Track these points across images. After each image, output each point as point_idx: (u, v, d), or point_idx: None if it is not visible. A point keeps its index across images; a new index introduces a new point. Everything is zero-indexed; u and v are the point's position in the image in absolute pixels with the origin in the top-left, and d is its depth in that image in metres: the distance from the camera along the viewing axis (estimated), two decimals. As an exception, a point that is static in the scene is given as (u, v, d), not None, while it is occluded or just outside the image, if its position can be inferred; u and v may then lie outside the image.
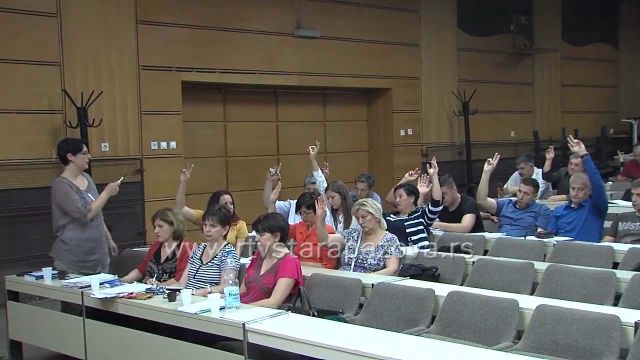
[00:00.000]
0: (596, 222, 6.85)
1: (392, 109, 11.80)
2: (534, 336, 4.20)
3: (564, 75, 15.02)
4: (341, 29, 10.99)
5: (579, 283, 5.11)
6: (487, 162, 7.29)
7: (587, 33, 15.38)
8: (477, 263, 5.75)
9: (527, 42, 13.66)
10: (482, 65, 13.24)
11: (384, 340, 3.87)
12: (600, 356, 3.91)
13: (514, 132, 13.86)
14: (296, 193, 7.18)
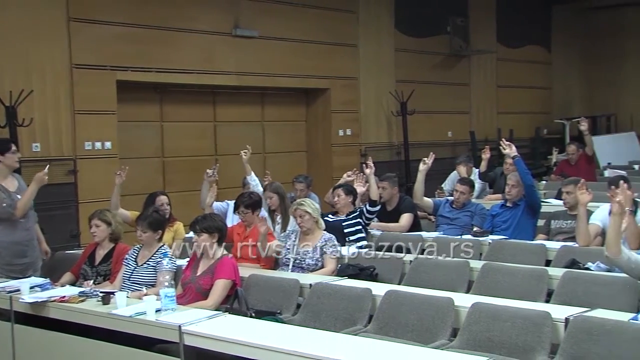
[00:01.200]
0: (530, 220, 6.99)
1: (330, 109, 11.82)
2: (469, 333, 4.25)
3: (499, 77, 15.30)
4: (280, 29, 10.95)
5: (513, 281, 5.21)
6: (422, 161, 7.37)
7: (521, 35, 15.70)
8: (414, 262, 5.80)
9: (463, 43, 13.86)
10: (420, 66, 13.37)
11: (321, 340, 3.87)
12: (532, 352, 3.98)
13: (451, 132, 14.04)
14: (234, 193, 7.12)
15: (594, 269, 5.28)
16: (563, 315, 4.08)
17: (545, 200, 8.48)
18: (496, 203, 7.51)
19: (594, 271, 5.21)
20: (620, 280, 4.62)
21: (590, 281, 4.85)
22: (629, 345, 3.71)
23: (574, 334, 3.90)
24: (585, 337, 3.85)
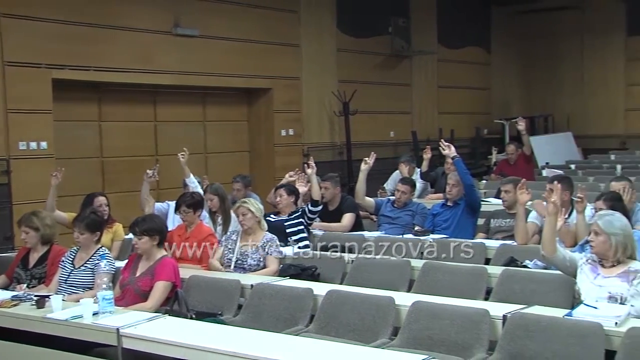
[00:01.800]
0: (470, 219, 7.06)
1: (273, 109, 11.78)
2: (410, 332, 4.28)
3: (440, 77, 15.49)
4: (221, 28, 10.86)
5: (453, 279, 5.26)
6: (363, 161, 7.39)
7: (461, 36, 15.93)
8: (356, 262, 5.80)
9: (404, 44, 13.98)
10: (362, 67, 13.43)
11: (262, 340, 3.85)
12: (471, 349, 4.03)
13: (393, 133, 14.15)
14: (176, 194, 7.04)
15: (532, 266, 5.36)
16: (501, 312, 4.14)
17: (485, 200, 8.58)
18: (437, 202, 7.58)
19: (531, 269, 5.28)
20: (556, 277, 4.71)
21: (528, 279, 4.92)
22: (563, 340, 3.79)
23: (511, 330, 3.97)
24: (522, 334, 3.92)
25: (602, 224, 4.29)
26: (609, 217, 4.37)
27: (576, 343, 3.74)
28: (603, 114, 17.12)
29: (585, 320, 3.84)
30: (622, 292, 4.16)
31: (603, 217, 4.36)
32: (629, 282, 4.18)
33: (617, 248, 4.26)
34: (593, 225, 4.35)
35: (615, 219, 4.37)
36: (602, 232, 4.28)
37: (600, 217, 4.39)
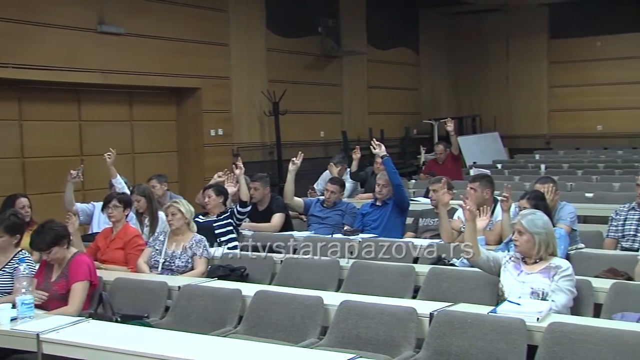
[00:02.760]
0: (399, 218, 7.12)
1: (202, 109, 11.64)
2: (338, 331, 4.29)
3: (370, 78, 15.61)
4: (147, 26, 10.66)
5: (382, 278, 5.28)
6: (291, 161, 7.39)
7: (391, 37, 16.10)
8: (285, 262, 5.79)
9: (334, 44, 14.04)
10: (292, 67, 13.43)
11: (189, 342, 3.81)
12: (398, 347, 4.06)
13: (323, 132, 14.20)
14: (102, 195, 6.89)
15: (459, 264, 5.44)
16: (428, 310, 4.18)
17: (414, 199, 8.70)
18: (366, 202, 7.62)
19: (458, 267, 5.36)
20: (483, 275, 4.77)
21: (454, 277, 4.98)
22: (488, 336, 3.85)
23: (438, 328, 4.01)
24: (448, 331, 3.97)
25: (525, 223, 4.37)
26: (532, 216, 4.46)
27: (500, 339, 3.81)
28: (528, 115, 17.58)
29: (508, 317, 3.91)
30: (544, 287, 4.25)
31: (526, 217, 4.44)
32: (550, 277, 4.28)
33: (540, 246, 4.35)
34: (517, 225, 4.43)
35: (537, 217, 4.46)
36: (525, 232, 4.36)
37: (523, 216, 4.46)
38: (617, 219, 5.92)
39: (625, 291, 4.41)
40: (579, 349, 3.60)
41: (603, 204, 7.99)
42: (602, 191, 9.10)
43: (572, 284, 4.31)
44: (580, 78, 17.00)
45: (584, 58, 16.94)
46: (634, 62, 16.40)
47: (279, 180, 11.83)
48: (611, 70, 16.62)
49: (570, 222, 5.82)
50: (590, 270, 4.99)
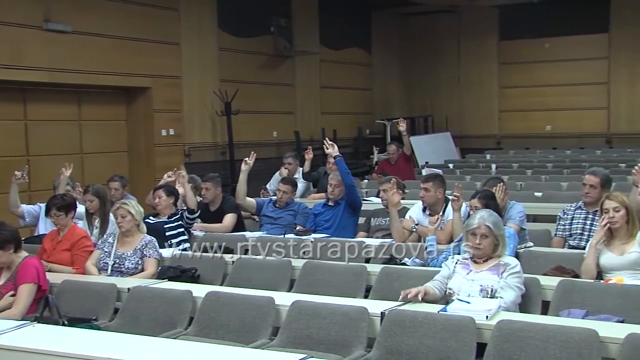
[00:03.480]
0: (351, 218, 7.14)
1: (152, 109, 11.50)
2: (289, 332, 4.27)
3: (323, 78, 15.62)
4: (95, 24, 10.47)
5: (334, 278, 5.28)
6: (244, 162, 7.36)
7: (343, 38, 16.14)
8: (237, 262, 5.75)
9: (287, 44, 14.02)
10: (244, 66, 13.36)
11: (138, 345, 3.77)
12: (349, 347, 4.05)
13: (276, 132, 14.16)
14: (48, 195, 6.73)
15: (410, 264, 5.47)
16: (379, 309, 4.18)
17: (366, 199, 8.72)
18: (319, 202, 7.62)
19: (409, 266, 5.39)
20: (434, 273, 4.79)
21: (406, 276, 5.00)
22: (438, 335, 3.88)
23: (389, 327, 4.02)
24: (398, 330, 3.98)
25: (492, 225, 4.40)
26: (493, 217, 4.49)
27: (450, 337, 3.84)
28: (479, 115, 17.80)
29: (458, 315, 3.94)
30: (493, 284, 4.30)
31: (488, 219, 4.44)
32: (499, 275, 4.33)
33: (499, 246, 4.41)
34: (480, 229, 4.40)
35: (498, 219, 4.53)
36: (491, 234, 4.39)
37: (484, 219, 4.43)
38: (564, 218, 6.01)
39: (572, 288, 4.47)
40: (527, 346, 3.65)
41: (552, 203, 8.09)
42: (551, 190, 9.24)
43: (520, 281, 4.36)
44: (529, 79, 17.27)
45: (533, 59, 17.22)
46: (582, 63, 16.73)
47: (231, 180, 11.76)
48: (560, 72, 16.93)
49: (519, 221, 5.89)
50: (538, 268, 5.06)
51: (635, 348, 3.47)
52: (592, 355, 3.51)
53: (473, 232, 4.42)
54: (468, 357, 3.77)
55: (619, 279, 4.58)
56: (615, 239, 4.83)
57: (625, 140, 16.04)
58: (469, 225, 4.49)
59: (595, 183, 5.82)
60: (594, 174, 5.91)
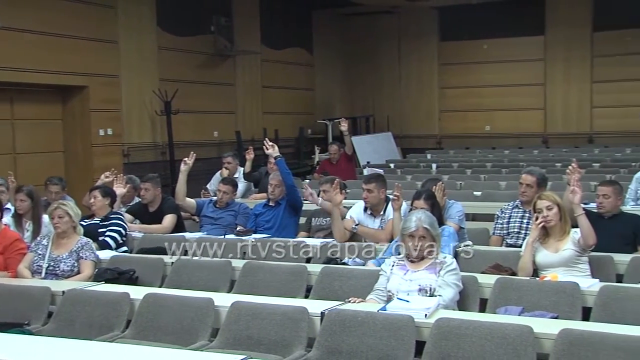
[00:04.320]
0: (292, 218, 7.13)
1: (89, 108, 11.29)
2: (229, 333, 4.24)
3: (264, 77, 15.58)
4: (28, 20, 10.21)
5: (274, 278, 5.25)
6: (183, 162, 7.28)
7: (284, 37, 16.12)
8: (176, 263, 5.67)
9: (227, 43, 13.94)
10: (184, 65, 13.24)
11: (72, 349, 3.69)
12: (290, 347, 4.04)
13: (217, 132, 14.06)
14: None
15: (351, 263, 5.48)
16: (319, 309, 4.18)
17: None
18: (260, 202, 7.58)
19: (350, 266, 5.39)
20: (374, 273, 4.81)
21: (346, 275, 5.00)
22: (378, 333, 3.89)
23: (329, 326, 4.02)
24: (339, 329, 3.98)
25: (429, 227, 4.42)
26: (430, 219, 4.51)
27: (390, 336, 3.85)
28: (420, 115, 18.00)
29: (397, 314, 3.95)
30: (431, 283, 4.33)
31: (426, 220, 4.45)
32: (437, 273, 4.36)
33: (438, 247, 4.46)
34: (419, 231, 4.40)
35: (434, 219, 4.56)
36: (428, 235, 4.41)
37: (421, 221, 4.44)
38: (502, 216, 6.10)
39: (509, 286, 4.54)
40: (464, 343, 3.69)
41: (490, 202, 8.22)
42: (490, 190, 9.39)
43: (457, 278, 4.40)
44: (469, 80, 17.52)
45: (472, 60, 17.47)
46: (519, 64, 17.05)
47: (171, 180, 11.61)
48: (498, 73, 17.22)
49: (458, 220, 5.97)
50: (477, 266, 5.12)
51: (568, 343, 3.53)
52: (527, 351, 3.56)
53: (411, 234, 4.44)
54: (407, 355, 3.79)
55: (553, 275, 4.66)
56: (550, 237, 4.93)
57: (561, 140, 16.41)
58: (406, 228, 4.49)
59: (531, 182, 5.92)
60: (530, 173, 6.02)
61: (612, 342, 3.49)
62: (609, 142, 15.50)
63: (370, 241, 5.88)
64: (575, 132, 16.59)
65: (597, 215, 5.71)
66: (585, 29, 16.35)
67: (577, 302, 4.31)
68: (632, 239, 5.54)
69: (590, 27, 16.33)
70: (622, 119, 16.12)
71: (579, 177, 5.66)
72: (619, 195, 5.82)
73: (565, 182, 6.34)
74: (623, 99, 16.06)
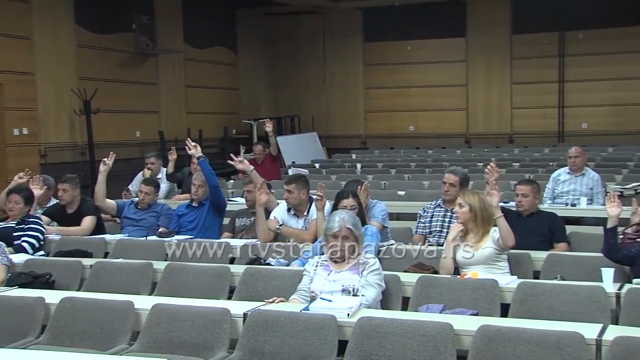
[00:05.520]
0: (216, 219, 7.06)
1: (4, 107, 10.94)
2: (150, 336, 4.16)
3: (188, 77, 15.39)
4: None
5: (197, 279, 5.19)
6: (102, 162, 7.12)
7: (208, 37, 15.97)
8: (95, 266, 5.53)
9: (149, 42, 13.72)
10: (105, 64, 12.97)
11: (-19, 358, 3.52)
12: (212, 349, 4.00)
13: (139, 132, 13.82)
14: None
15: (274, 264, 5.44)
16: (242, 310, 4.15)
17: (232, 199, 8.67)
18: (183, 203, 7.48)
19: (274, 266, 5.36)
20: (296, 273, 4.80)
21: (269, 276, 4.97)
22: (301, 333, 3.88)
23: (252, 327, 3.99)
24: (261, 330, 3.96)
25: (352, 227, 4.42)
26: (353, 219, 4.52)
27: (312, 336, 3.85)
28: (345, 115, 18.09)
29: (320, 314, 3.95)
30: (354, 284, 4.33)
31: (349, 220, 4.45)
32: (360, 273, 4.37)
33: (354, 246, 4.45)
34: (343, 231, 4.40)
35: (355, 219, 4.56)
36: (352, 235, 4.41)
37: (344, 221, 4.43)
38: (424, 215, 6.17)
39: (430, 284, 4.59)
40: (386, 342, 3.71)
41: (414, 201, 8.31)
42: (413, 189, 9.50)
43: (380, 278, 4.42)
44: (393, 80, 17.70)
45: (396, 61, 17.66)
46: (442, 66, 17.33)
47: (91, 181, 11.33)
48: (422, 73, 17.46)
49: (382, 219, 6.01)
50: (400, 265, 5.17)
51: (487, 339, 3.60)
52: (447, 347, 3.61)
53: (334, 234, 4.43)
54: (330, 354, 3.79)
55: (473, 273, 4.74)
56: (470, 235, 5.01)
57: (482, 140, 16.76)
58: (329, 228, 4.47)
59: (454, 182, 6.01)
60: (453, 173, 6.10)
61: (527, 337, 3.57)
62: (529, 142, 15.91)
63: (294, 241, 5.86)
64: (496, 132, 16.96)
65: (516, 214, 5.84)
66: (504, 31, 16.74)
67: (496, 299, 4.40)
68: (549, 237, 5.69)
69: (510, 30, 16.72)
70: (541, 119, 16.59)
71: (498, 176, 5.81)
72: (537, 194, 5.97)
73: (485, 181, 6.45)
74: (541, 100, 16.53)
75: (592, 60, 16.01)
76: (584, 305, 4.21)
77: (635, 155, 12.67)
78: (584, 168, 8.07)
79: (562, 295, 4.30)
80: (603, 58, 15.89)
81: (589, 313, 4.15)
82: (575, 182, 7.97)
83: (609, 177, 9.44)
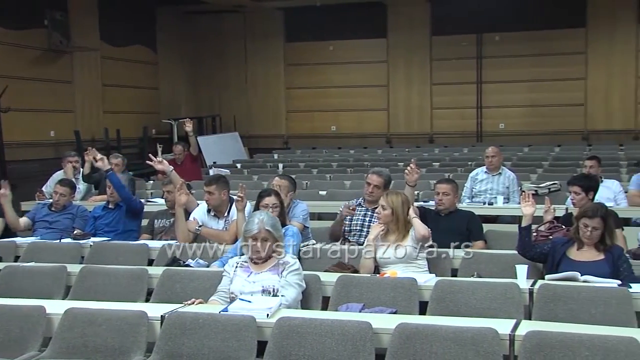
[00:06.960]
0: (134, 221, 6.96)
1: None
2: (62, 341, 4.05)
3: (105, 75, 15.05)
4: None
5: (114, 282, 5.09)
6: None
7: (126, 35, 15.64)
8: (4, 270, 5.34)
9: (63, 39, 13.34)
10: (15, 61, 12.55)
11: None
12: (128, 353, 3.92)
13: (53, 132, 13.43)
14: None
15: (194, 265, 5.37)
16: (159, 313, 4.08)
17: (151, 200, 8.57)
18: (99, 204, 7.31)
19: (193, 267, 5.28)
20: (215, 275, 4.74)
21: (188, 277, 4.91)
22: (220, 335, 3.84)
23: (169, 330, 3.93)
24: (179, 332, 3.90)
25: (272, 228, 4.38)
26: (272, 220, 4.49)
27: (231, 337, 3.81)
28: (267, 115, 18.03)
29: (239, 315, 3.91)
30: (274, 284, 4.31)
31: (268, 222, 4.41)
32: (279, 274, 4.35)
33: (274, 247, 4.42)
34: (262, 233, 4.36)
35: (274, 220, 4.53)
36: (271, 237, 4.38)
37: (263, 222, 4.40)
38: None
39: (350, 283, 4.61)
40: (305, 341, 3.71)
41: (336, 201, 8.32)
42: (335, 189, 9.53)
43: (300, 278, 4.41)
44: (315, 80, 17.73)
45: (318, 61, 17.70)
46: (364, 66, 17.45)
47: (1, 182, 10.97)
48: (343, 74, 17.54)
49: (303, 219, 6.00)
50: (320, 265, 5.17)
51: (405, 337, 3.63)
52: (366, 346, 3.63)
53: (253, 236, 4.39)
54: (249, 355, 3.77)
55: (392, 272, 4.78)
56: (390, 235, 5.05)
57: (403, 140, 16.96)
58: (248, 230, 4.42)
59: (379, 183, 6.02)
60: (378, 174, 6.10)
61: (443, 334, 3.62)
62: (448, 142, 16.20)
63: (214, 242, 5.80)
64: (416, 132, 17.20)
65: (434, 212, 5.92)
66: (424, 33, 16.98)
67: (415, 297, 4.45)
68: (467, 235, 5.78)
69: (429, 32, 16.98)
70: (460, 119, 16.90)
71: (418, 177, 5.89)
72: (456, 193, 6.08)
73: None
74: (460, 100, 16.84)
75: (509, 62, 16.41)
76: (499, 301, 4.30)
77: (550, 155, 13.08)
78: (501, 167, 8.25)
79: (478, 292, 4.38)
80: (519, 60, 16.31)
81: (504, 309, 4.24)
82: (492, 181, 8.14)
83: (525, 177, 9.69)
